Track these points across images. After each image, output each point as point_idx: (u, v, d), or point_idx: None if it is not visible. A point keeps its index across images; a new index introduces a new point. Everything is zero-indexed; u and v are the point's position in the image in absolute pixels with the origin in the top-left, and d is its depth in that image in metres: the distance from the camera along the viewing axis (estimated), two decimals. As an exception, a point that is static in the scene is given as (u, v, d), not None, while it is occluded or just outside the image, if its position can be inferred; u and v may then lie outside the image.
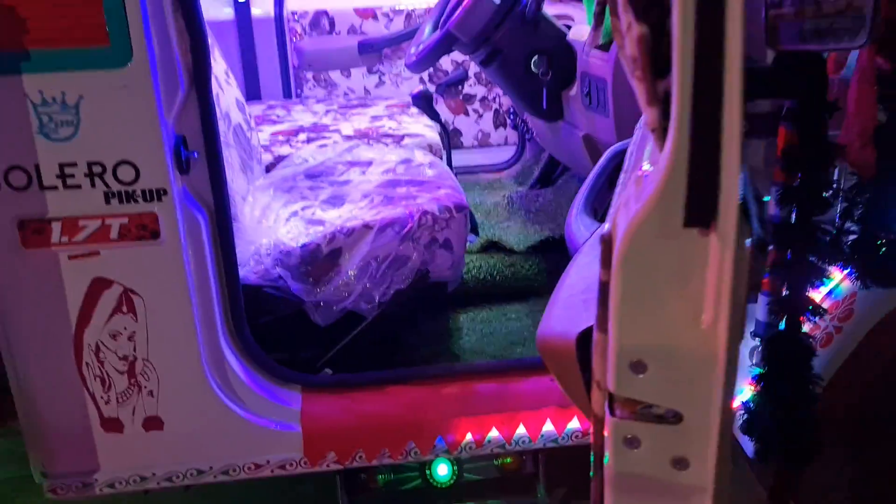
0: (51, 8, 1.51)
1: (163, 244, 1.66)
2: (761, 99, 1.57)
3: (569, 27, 2.44)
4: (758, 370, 1.79)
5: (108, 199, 1.62)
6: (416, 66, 2.23)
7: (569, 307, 0.79)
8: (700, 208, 0.66)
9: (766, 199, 1.69)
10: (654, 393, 0.73)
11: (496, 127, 3.66)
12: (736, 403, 1.97)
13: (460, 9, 2.03)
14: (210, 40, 2.34)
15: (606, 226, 0.75)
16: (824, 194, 1.60)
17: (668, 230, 0.68)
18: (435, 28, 2.29)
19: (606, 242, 0.73)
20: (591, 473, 0.79)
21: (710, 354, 0.69)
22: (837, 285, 1.89)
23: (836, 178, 1.78)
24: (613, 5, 0.76)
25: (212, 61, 2.28)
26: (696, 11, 0.66)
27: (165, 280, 1.70)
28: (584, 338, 0.80)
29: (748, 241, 0.67)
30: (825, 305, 1.89)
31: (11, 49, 1.52)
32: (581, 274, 0.88)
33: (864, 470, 1.96)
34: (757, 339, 1.80)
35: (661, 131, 0.68)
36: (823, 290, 1.89)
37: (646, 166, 0.72)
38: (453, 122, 3.63)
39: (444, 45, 2.13)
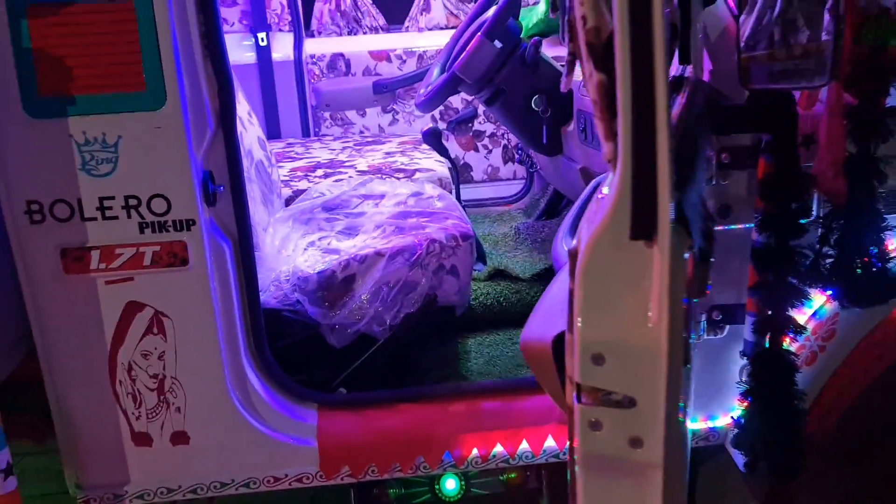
0: (94, 57, 1.68)
1: (191, 270, 1.80)
2: (737, 133, 1.71)
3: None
4: (745, 387, 1.90)
5: (143, 228, 1.77)
6: (425, 105, 2.39)
7: (547, 315, 0.92)
8: (642, 225, 0.79)
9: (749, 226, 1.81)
10: (611, 381, 0.85)
11: (505, 162, 3.81)
12: (727, 419, 2.08)
13: (464, 53, 2.19)
14: (234, 83, 2.53)
15: (574, 242, 0.88)
16: (800, 221, 1.73)
17: (619, 243, 0.81)
18: (442, 70, 2.45)
19: (572, 255, 0.86)
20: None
21: (656, 347, 0.82)
22: (822, 306, 2.00)
23: (814, 205, 1.90)
24: (579, 55, 0.91)
25: (236, 103, 2.47)
26: (631, 70, 0.80)
27: (193, 303, 1.84)
28: (559, 340, 0.93)
29: (686, 253, 0.80)
30: (810, 326, 2.01)
31: (59, 94, 1.69)
32: (560, 287, 1.00)
33: (856, 484, 2.04)
34: (745, 357, 1.92)
35: (615, 162, 0.82)
36: (808, 310, 2.00)
37: (605, 190, 0.86)
38: (464, 158, 3.79)
39: (450, 86, 2.29)
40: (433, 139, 2.68)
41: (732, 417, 2.02)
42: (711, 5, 1.68)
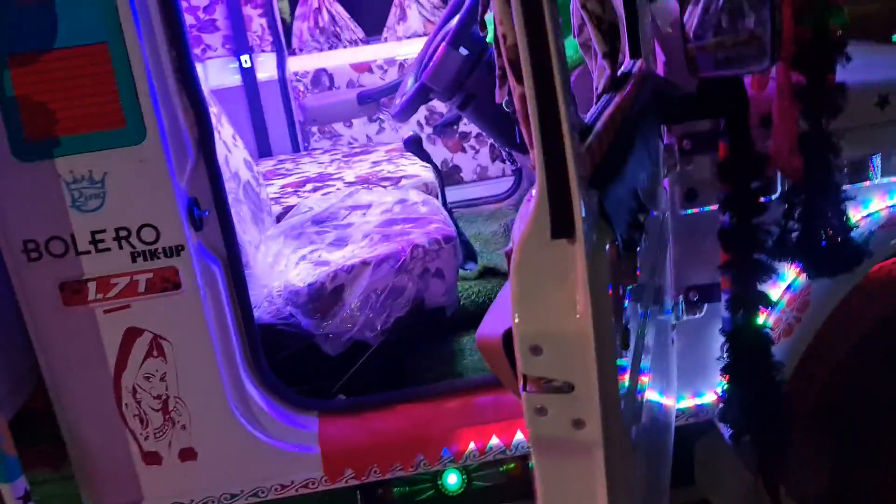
0: (75, 99, 1.76)
1: (184, 293, 1.88)
2: (690, 121, 1.77)
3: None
4: (725, 363, 1.96)
5: (135, 258, 1.85)
6: (400, 115, 2.46)
7: (497, 312, 1.00)
8: (560, 224, 0.86)
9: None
10: (550, 369, 0.92)
11: (493, 161, 3.88)
12: (713, 396, 2.14)
13: (432, 62, 2.27)
14: (216, 109, 2.61)
15: (510, 243, 0.95)
16: (761, 199, 1.79)
17: (544, 242, 0.88)
18: (416, 80, 2.53)
19: (508, 255, 0.93)
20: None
21: (585, 336, 0.89)
22: (795, 279, 2.06)
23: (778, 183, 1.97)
24: (506, 69, 0.98)
25: (219, 127, 2.56)
26: (533, 81, 0.87)
27: (188, 325, 1.92)
28: (509, 335, 1.00)
29: (608, 246, 0.87)
30: (785, 298, 2.07)
31: (45, 137, 1.77)
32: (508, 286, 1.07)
33: (841, 452, 2.10)
34: (724, 334, 1.98)
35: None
36: (782, 283, 2.07)
37: (534, 192, 0.93)
38: (452, 160, 3.86)
39: (422, 95, 2.36)
40: (414, 146, 2.76)
41: (717, 393, 2.08)
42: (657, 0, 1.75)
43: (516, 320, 0.94)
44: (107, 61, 1.74)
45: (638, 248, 1.01)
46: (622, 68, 1.60)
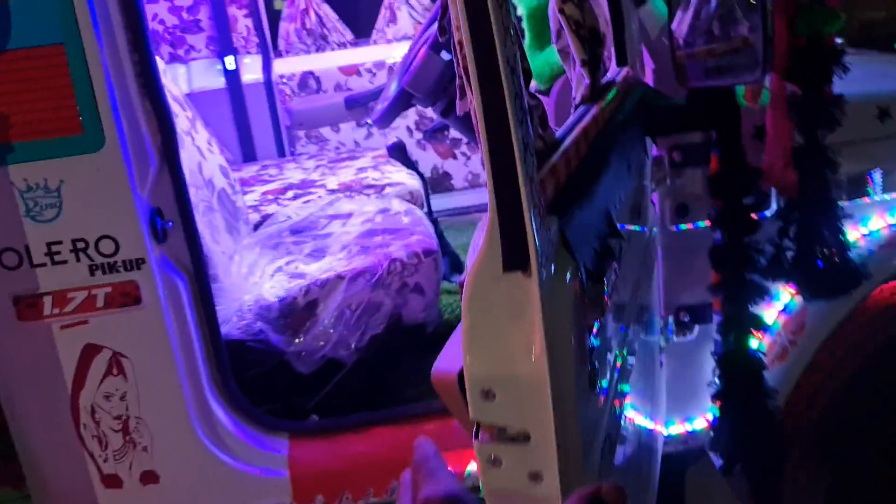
0: (29, 103, 1.67)
1: (145, 309, 1.78)
2: (678, 133, 1.67)
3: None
4: (716, 388, 1.86)
5: (93, 271, 1.76)
6: (380, 121, 2.37)
7: (457, 344, 0.90)
8: (513, 255, 0.76)
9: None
10: (504, 416, 0.83)
11: (484, 167, 3.78)
12: (704, 422, 2.04)
13: (411, 68, 2.17)
14: (190, 113, 2.52)
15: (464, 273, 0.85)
16: (754, 216, 1.69)
17: (497, 274, 0.78)
18: (398, 85, 2.43)
19: (461, 287, 0.83)
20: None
21: (541, 380, 0.79)
22: (791, 300, 1.96)
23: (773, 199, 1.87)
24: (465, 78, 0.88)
25: (193, 132, 2.46)
26: (480, 100, 0.77)
27: (150, 342, 1.82)
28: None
29: (569, 276, 0.77)
30: (780, 320, 1.97)
31: (-3, 143, 1.68)
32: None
33: (837, 484, 1.99)
34: (715, 357, 1.88)
35: (492, 188, 0.80)
36: (777, 305, 1.97)
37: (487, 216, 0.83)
38: (443, 166, 3.77)
39: (403, 101, 2.27)
40: (398, 152, 2.66)
41: (708, 419, 1.98)
42: (645, 4, 1.65)
43: (467, 361, 0.84)
44: (63, 64, 1.65)
45: (606, 279, 0.91)
46: (606, 76, 1.50)
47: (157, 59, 1.85)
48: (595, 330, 0.94)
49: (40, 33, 1.64)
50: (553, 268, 0.81)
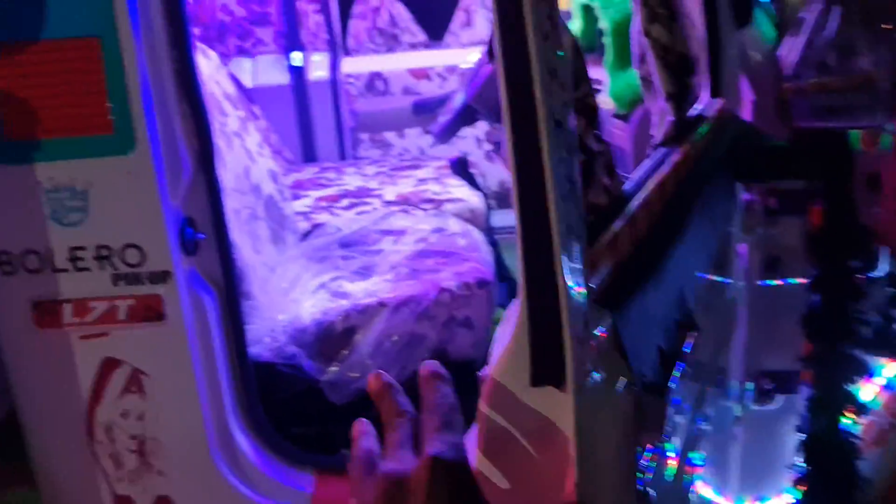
0: (58, 97, 1.56)
1: (168, 325, 1.66)
2: (777, 180, 1.44)
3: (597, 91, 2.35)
4: (803, 469, 1.62)
5: (116, 281, 1.65)
6: (440, 136, 2.19)
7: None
8: (545, 369, 0.57)
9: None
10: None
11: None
12: (781, 503, 1.79)
13: (477, 82, 1.99)
14: (243, 113, 2.39)
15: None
16: (861, 279, 1.44)
17: (524, 384, 0.59)
18: (464, 98, 2.25)
19: (481, 381, 0.65)
20: None
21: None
22: (895, 376, 1.70)
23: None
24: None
25: (244, 134, 2.33)
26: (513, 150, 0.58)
27: (171, 361, 1.70)
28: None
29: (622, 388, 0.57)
30: (881, 399, 1.70)
31: (25, 138, 1.58)
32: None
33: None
34: (801, 434, 1.64)
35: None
36: (878, 380, 1.70)
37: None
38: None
39: (466, 116, 2.09)
40: (460, 168, 2.48)
41: (787, 502, 1.74)
42: (749, 25, 1.42)
43: (484, 482, 0.65)
44: (97, 58, 1.54)
45: (669, 391, 0.70)
46: (694, 109, 1.28)
47: (214, 54, 1.72)
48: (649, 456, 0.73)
49: (75, 24, 1.54)
50: (598, 378, 0.61)
